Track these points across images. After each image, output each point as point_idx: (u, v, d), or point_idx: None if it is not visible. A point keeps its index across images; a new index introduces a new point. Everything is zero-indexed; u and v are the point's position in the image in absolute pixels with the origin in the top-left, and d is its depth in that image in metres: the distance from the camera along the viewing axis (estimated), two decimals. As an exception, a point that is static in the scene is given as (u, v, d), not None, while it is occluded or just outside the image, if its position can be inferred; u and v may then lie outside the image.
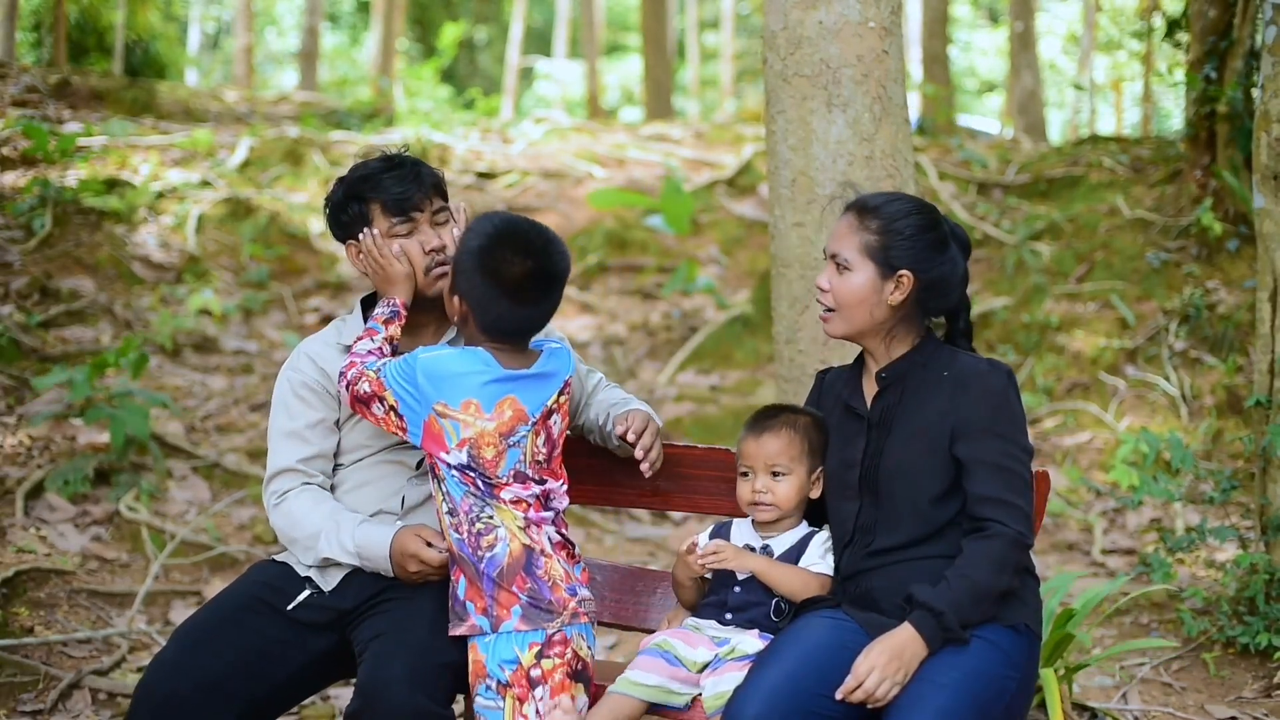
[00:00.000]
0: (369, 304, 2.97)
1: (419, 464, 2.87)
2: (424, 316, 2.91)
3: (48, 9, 15.69)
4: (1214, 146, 7.35)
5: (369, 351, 2.73)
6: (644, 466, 2.85)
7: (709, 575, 2.74)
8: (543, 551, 2.60)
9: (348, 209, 2.85)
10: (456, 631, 2.60)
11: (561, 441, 2.72)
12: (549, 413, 2.66)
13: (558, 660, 2.55)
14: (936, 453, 2.63)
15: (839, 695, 2.47)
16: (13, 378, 6.13)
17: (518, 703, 2.53)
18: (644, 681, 2.61)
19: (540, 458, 2.65)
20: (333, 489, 2.91)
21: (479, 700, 2.57)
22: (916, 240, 2.67)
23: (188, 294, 7.94)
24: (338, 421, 2.90)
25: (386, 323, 2.79)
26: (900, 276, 2.66)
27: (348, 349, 2.85)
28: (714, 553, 2.69)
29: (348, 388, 2.70)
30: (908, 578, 2.59)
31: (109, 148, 9.42)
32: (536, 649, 2.54)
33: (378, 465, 2.88)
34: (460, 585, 2.61)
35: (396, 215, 2.81)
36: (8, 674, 3.98)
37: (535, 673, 2.53)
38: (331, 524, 2.79)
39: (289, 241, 9.13)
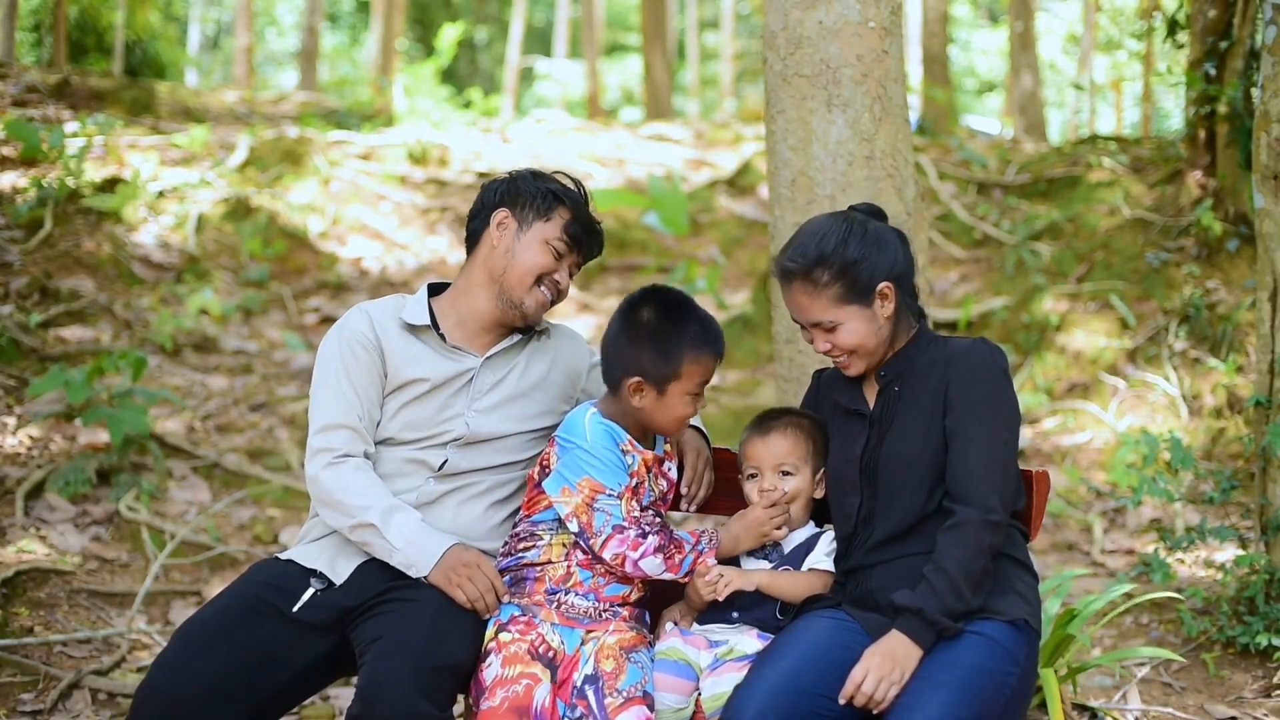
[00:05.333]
0: (435, 290, 3.03)
1: (441, 465, 2.89)
2: (500, 320, 2.96)
3: (48, 9, 15.70)
4: (1214, 146, 7.35)
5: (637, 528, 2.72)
6: (685, 505, 2.94)
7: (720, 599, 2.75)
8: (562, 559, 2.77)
9: (538, 192, 2.93)
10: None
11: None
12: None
13: (517, 635, 2.68)
14: (932, 435, 2.64)
15: (841, 700, 2.49)
16: (13, 378, 6.13)
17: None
18: (662, 706, 2.65)
19: None
20: None
21: None
22: (863, 253, 2.65)
23: (188, 294, 7.94)
24: (383, 393, 2.91)
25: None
26: (882, 290, 2.68)
27: (408, 327, 2.91)
28: (720, 577, 2.70)
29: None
30: (906, 577, 2.60)
31: (108, 147, 9.42)
32: (499, 626, 2.71)
33: (402, 460, 2.90)
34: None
35: (569, 239, 2.92)
36: (8, 674, 3.98)
37: (489, 645, 2.70)
38: (389, 505, 2.79)
39: (289, 241, 9.14)
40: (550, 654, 2.66)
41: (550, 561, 2.75)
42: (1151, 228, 7.81)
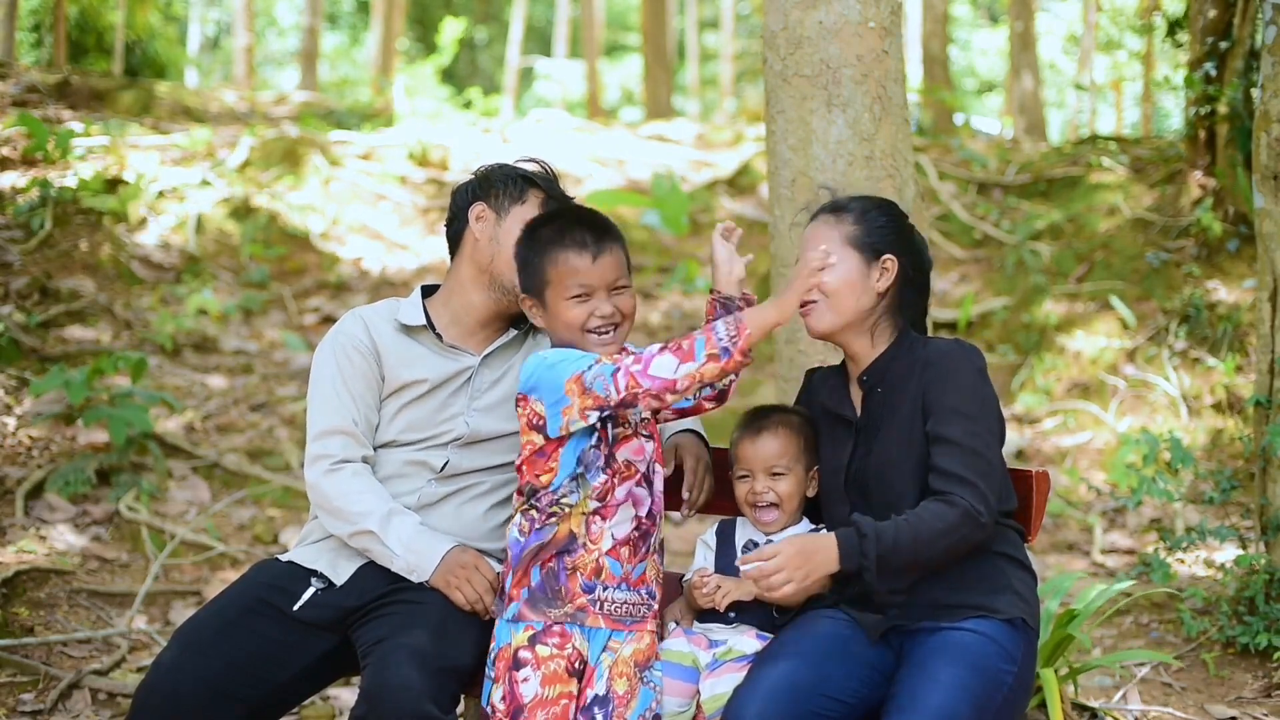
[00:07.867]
0: (428, 291, 3.03)
1: (442, 467, 2.89)
2: (496, 313, 2.95)
3: (48, 9, 15.70)
4: (1214, 146, 7.35)
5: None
6: (686, 510, 2.91)
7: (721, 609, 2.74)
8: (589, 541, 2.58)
9: (507, 178, 2.97)
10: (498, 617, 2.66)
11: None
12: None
13: (554, 650, 2.55)
14: (916, 441, 2.63)
15: (738, 563, 2.59)
16: (13, 378, 6.13)
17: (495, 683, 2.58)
18: (665, 710, 2.64)
19: None
20: None
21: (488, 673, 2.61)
22: (890, 226, 2.76)
23: (188, 294, 7.94)
24: (380, 397, 2.91)
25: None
26: (885, 261, 2.72)
27: (404, 329, 2.91)
28: (718, 588, 2.69)
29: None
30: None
31: (109, 148, 9.42)
32: (531, 633, 2.56)
33: (403, 462, 2.90)
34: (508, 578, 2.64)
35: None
36: (8, 674, 3.98)
37: (524, 654, 2.55)
38: (388, 511, 2.79)
39: (289, 241, 9.13)
40: (580, 665, 2.57)
41: (573, 535, 2.56)
42: (1151, 228, 7.81)
